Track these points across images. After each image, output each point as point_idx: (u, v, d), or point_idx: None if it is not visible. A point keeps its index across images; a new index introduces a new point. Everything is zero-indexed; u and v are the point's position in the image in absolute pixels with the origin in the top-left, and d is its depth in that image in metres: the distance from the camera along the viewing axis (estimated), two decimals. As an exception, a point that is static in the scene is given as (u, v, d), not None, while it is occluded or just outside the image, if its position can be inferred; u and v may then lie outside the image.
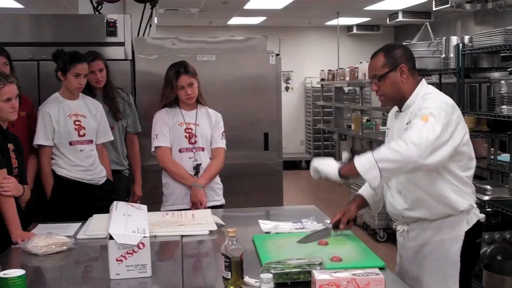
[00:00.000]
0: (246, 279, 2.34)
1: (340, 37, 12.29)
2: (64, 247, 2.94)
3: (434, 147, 2.64)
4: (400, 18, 10.52)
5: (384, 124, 9.77)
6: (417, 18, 10.43)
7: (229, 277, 2.29)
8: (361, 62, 9.56)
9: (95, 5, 5.45)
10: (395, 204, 2.96)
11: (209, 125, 4.15)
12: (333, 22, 12.14)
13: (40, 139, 3.99)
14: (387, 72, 2.88)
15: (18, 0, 9.18)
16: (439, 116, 2.69)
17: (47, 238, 2.97)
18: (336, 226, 3.01)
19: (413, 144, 2.61)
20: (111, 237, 2.47)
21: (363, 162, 2.69)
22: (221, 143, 4.18)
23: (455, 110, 2.82)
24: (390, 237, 6.69)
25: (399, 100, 2.94)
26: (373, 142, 9.37)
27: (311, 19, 12.17)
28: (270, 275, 2.22)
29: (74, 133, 4.03)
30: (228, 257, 2.28)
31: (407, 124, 2.85)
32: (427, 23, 6.66)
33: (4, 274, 2.24)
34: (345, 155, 2.92)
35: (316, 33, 13.40)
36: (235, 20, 11.97)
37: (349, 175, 2.79)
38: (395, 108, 3.06)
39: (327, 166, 2.83)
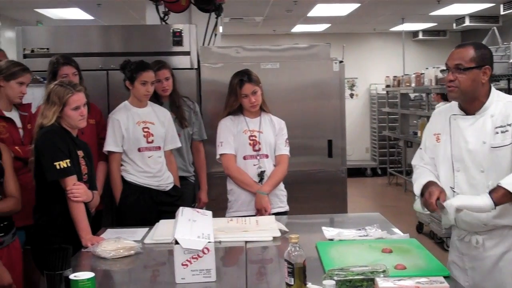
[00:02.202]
0: (309, 285, 2.34)
1: (405, 43, 12.14)
2: (132, 252, 3.02)
3: None
4: (467, 23, 10.31)
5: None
6: (485, 22, 10.20)
7: (292, 283, 2.29)
8: (427, 68, 9.39)
9: (162, 15, 5.57)
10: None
11: (273, 132, 4.18)
12: (398, 28, 12.00)
13: (110, 146, 4.10)
14: (473, 67, 2.80)
15: (88, 12, 9.46)
16: None
17: (116, 243, 3.06)
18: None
19: None
20: (176, 242, 2.52)
21: None
22: (285, 150, 4.19)
23: None
24: (458, 246, 6.54)
25: (470, 99, 2.86)
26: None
27: (375, 25, 12.08)
28: (333, 282, 2.22)
29: (143, 139, 4.12)
30: (291, 263, 2.29)
31: (496, 128, 2.79)
32: (495, 27, 6.51)
33: (75, 276, 2.32)
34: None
35: (380, 39, 13.27)
36: (299, 28, 11.98)
37: (503, 202, 2.69)
38: (449, 111, 2.99)
39: (475, 200, 2.70)
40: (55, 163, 3.21)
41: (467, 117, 2.91)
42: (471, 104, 2.89)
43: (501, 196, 2.66)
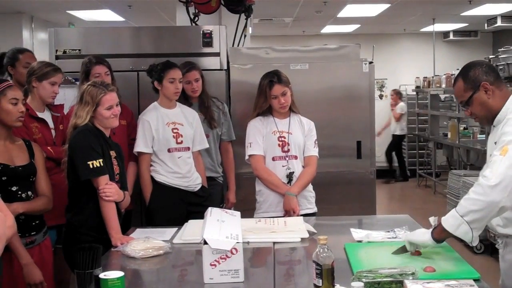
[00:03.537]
0: (337, 287, 2.33)
1: (436, 44, 12.01)
2: (161, 251, 3.05)
3: None
4: (499, 23, 10.21)
5: (482, 132, 9.49)
6: (517, 23, 10.10)
7: (320, 284, 2.30)
8: (457, 69, 9.28)
9: (192, 16, 5.61)
10: None
11: (302, 133, 4.17)
12: (429, 28, 11.89)
13: (140, 147, 4.13)
14: (471, 95, 2.83)
15: (119, 13, 9.56)
16: None
17: (145, 242, 3.08)
18: None
19: (490, 187, 2.55)
20: (205, 242, 2.54)
21: (450, 222, 2.66)
22: (314, 151, 4.19)
23: None
24: (487, 248, 6.47)
25: (492, 117, 2.87)
26: (470, 151, 9.11)
27: (406, 26, 11.99)
28: (362, 284, 2.22)
29: (172, 140, 4.15)
30: (319, 264, 2.29)
31: (495, 143, 2.78)
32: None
33: (105, 275, 2.35)
34: (432, 219, 2.86)
35: (411, 39, 13.18)
36: (328, 29, 11.96)
37: (442, 237, 2.74)
38: None
39: (420, 236, 2.79)
40: (88, 162, 3.25)
41: (493, 127, 2.94)
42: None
43: (440, 232, 2.72)
